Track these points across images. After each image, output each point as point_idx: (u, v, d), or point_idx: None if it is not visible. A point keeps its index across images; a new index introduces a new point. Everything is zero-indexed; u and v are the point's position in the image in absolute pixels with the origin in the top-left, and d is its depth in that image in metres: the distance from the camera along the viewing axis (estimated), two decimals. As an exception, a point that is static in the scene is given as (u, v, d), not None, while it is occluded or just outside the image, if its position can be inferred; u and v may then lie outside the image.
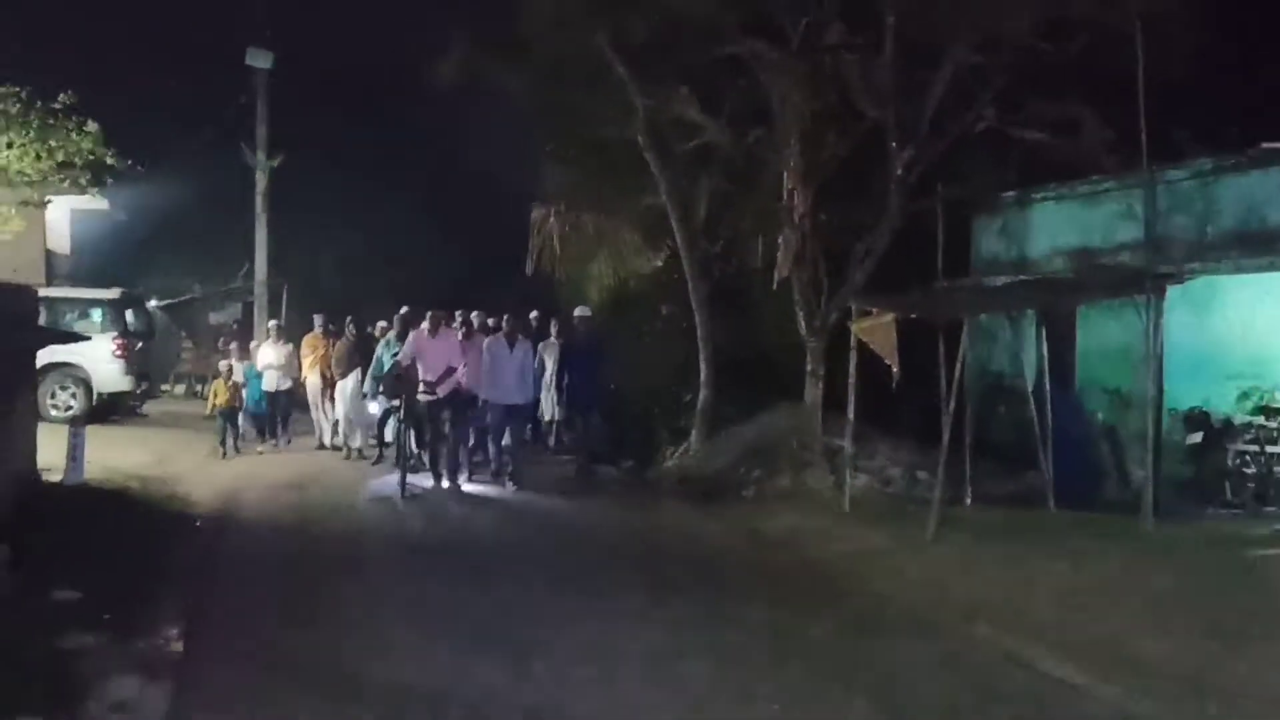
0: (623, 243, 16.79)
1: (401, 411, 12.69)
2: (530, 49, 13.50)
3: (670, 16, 12.51)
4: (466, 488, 12.45)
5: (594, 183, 16.36)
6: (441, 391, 12.30)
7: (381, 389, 13.57)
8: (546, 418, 15.81)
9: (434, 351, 12.37)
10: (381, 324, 15.14)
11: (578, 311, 13.79)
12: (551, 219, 16.91)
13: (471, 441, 13.26)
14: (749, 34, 12.68)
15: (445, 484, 12.36)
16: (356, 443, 14.96)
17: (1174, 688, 5.93)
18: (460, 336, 12.91)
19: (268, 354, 15.96)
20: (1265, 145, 11.11)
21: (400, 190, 25.25)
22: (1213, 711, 5.61)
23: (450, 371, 12.33)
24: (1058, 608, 7.61)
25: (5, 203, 12.80)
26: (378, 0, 18.84)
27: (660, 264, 16.64)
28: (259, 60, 20.72)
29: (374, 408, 14.39)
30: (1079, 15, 11.01)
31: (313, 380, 15.69)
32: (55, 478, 10.91)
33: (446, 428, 12.54)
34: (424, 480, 12.47)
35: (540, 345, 15.17)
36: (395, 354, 13.01)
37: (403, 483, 11.92)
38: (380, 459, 14.26)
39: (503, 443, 13.04)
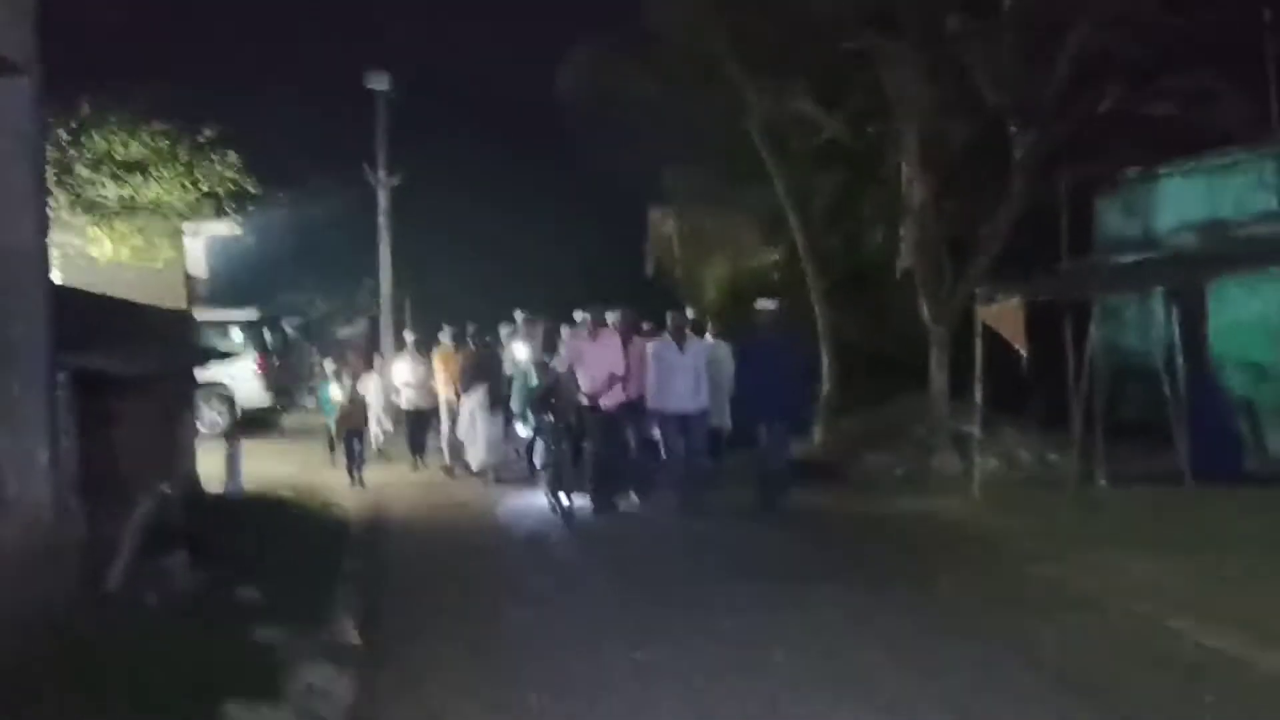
0: (741, 240, 16.96)
1: (557, 427, 11.42)
2: (651, 53, 13.77)
3: (789, 14, 12.68)
4: (627, 508, 11.25)
5: (711, 182, 16.56)
6: (605, 403, 11.16)
7: (531, 406, 12.42)
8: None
9: (595, 358, 11.18)
10: (505, 328, 14.62)
11: (760, 303, 11.71)
12: (670, 220, 17.17)
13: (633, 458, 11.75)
14: (867, 27, 12.75)
15: (608, 506, 11.05)
16: (487, 461, 13.55)
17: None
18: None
19: (404, 371, 15.19)
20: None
21: (517, 200, 25.80)
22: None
23: (614, 380, 11.13)
24: (1208, 583, 7.54)
25: (159, 233, 13.56)
26: (495, 13, 19.28)
27: (779, 259, 16.78)
28: (377, 83, 21.47)
29: (524, 430, 13.31)
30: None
31: (447, 396, 14.51)
32: (215, 490, 11.53)
33: (608, 443, 11.23)
34: (579, 502, 11.16)
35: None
36: (543, 363, 12.11)
37: (559, 505, 11.01)
38: (532, 483, 12.71)
39: (678, 458, 11.19)
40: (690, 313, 13.67)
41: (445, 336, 14.85)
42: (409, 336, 15.87)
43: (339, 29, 22.72)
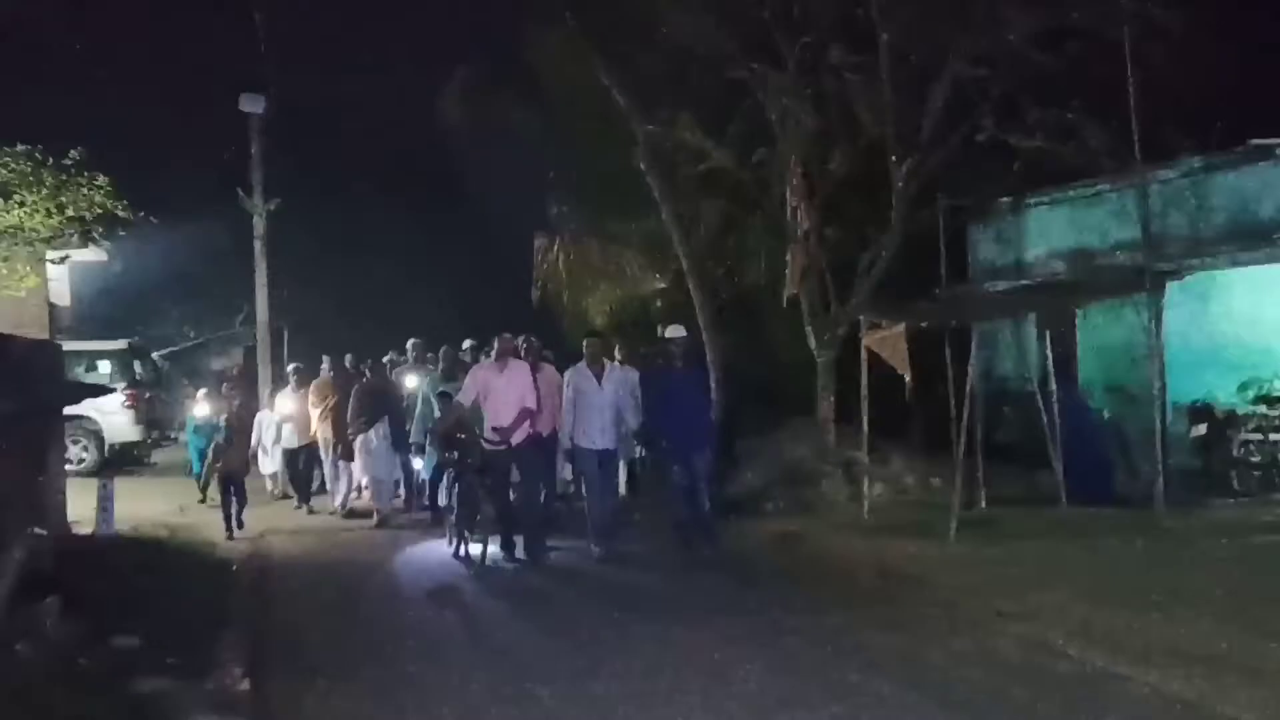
0: (627, 267, 17.03)
1: (463, 465, 10.48)
2: (534, 81, 13.79)
3: (672, 45, 12.85)
4: (537, 552, 10.22)
5: (597, 209, 16.61)
6: (515, 440, 10.17)
7: (432, 441, 11.58)
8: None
9: (504, 390, 10.22)
10: (391, 355, 14.17)
11: (670, 331, 11.10)
12: (555, 247, 17.15)
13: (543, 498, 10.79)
14: (749, 58, 12.97)
15: (519, 554, 10.15)
16: (385, 505, 12.73)
17: (1205, 669, 6.13)
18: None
19: (287, 404, 14.07)
20: (1254, 142, 11.45)
21: (400, 225, 25.44)
22: (1245, 689, 5.82)
23: (526, 414, 10.19)
24: (1086, 601, 7.82)
25: (21, 260, 12.91)
26: (377, 32, 19.05)
27: (665, 286, 16.90)
28: (252, 105, 20.88)
29: (420, 464, 12.59)
30: (1072, 24, 11.32)
31: (324, 434, 13.41)
32: (86, 530, 11.02)
33: (516, 483, 10.39)
34: (488, 547, 10.19)
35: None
36: (446, 394, 11.19)
37: (463, 549, 10.23)
38: (434, 525, 11.75)
39: (596, 497, 10.40)
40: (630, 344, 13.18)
41: (325, 366, 13.92)
42: (290, 367, 14.89)
43: (217, 51, 22.01)
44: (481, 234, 22.32)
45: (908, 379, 11.53)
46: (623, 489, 12.37)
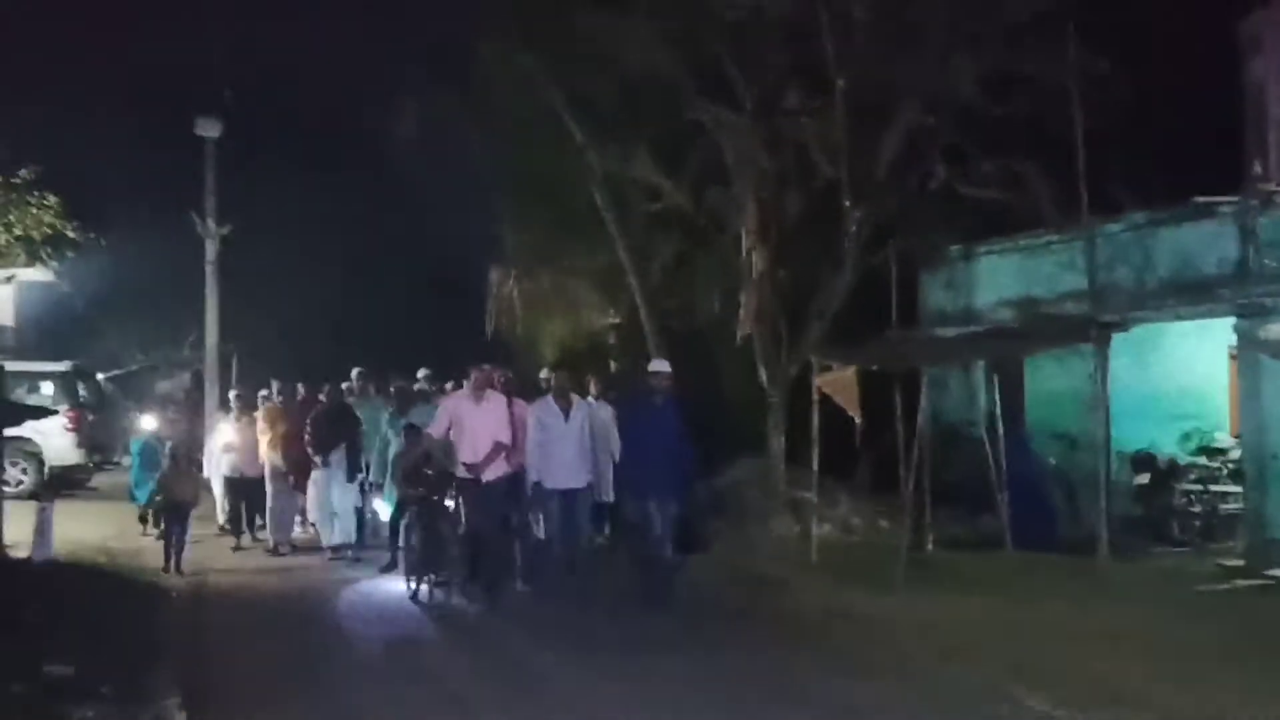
0: (581, 301, 17.06)
1: (429, 501, 9.92)
2: (488, 107, 13.84)
3: (629, 81, 12.97)
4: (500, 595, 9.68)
5: (552, 242, 16.64)
6: (488, 475, 9.73)
7: (394, 475, 10.94)
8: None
9: (479, 423, 9.75)
10: (344, 385, 13.43)
11: (654, 365, 10.33)
12: (510, 279, 17.15)
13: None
14: (706, 98, 13.11)
15: (484, 592, 9.63)
16: (336, 539, 12.06)
17: (1147, 715, 6.25)
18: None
19: (227, 432, 13.38)
20: (1196, 199, 11.72)
21: (353, 253, 25.28)
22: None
23: (500, 449, 9.71)
24: (1029, 645, 7.95)
25: (-38, 279, 12.76)
26: (330, 60, 18.96)
27: (619, 322, 16.94)
28: (207, 129, 20.78)
29: (379, 504, 11.86)
30: (1020, 74, 11.58)
31: (274, 462, 12.69)
32: (22, 554, 10.79)
33: (488, 522, 9.79)
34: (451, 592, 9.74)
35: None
36: (412, 426, 10.56)
37: (423, 590, 9.72)
38: (392, 565, 10.98)
39: (562, 540, 9.96)
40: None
41: (273, 391, 13.36)
42: (232, 393, 14.24)
43: (170, 71, 21.84)
44: (436, 263, 22.24)
45: (857, 420, 11.64)
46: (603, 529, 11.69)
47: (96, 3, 24.57)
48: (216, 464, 13.68)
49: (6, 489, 15.32)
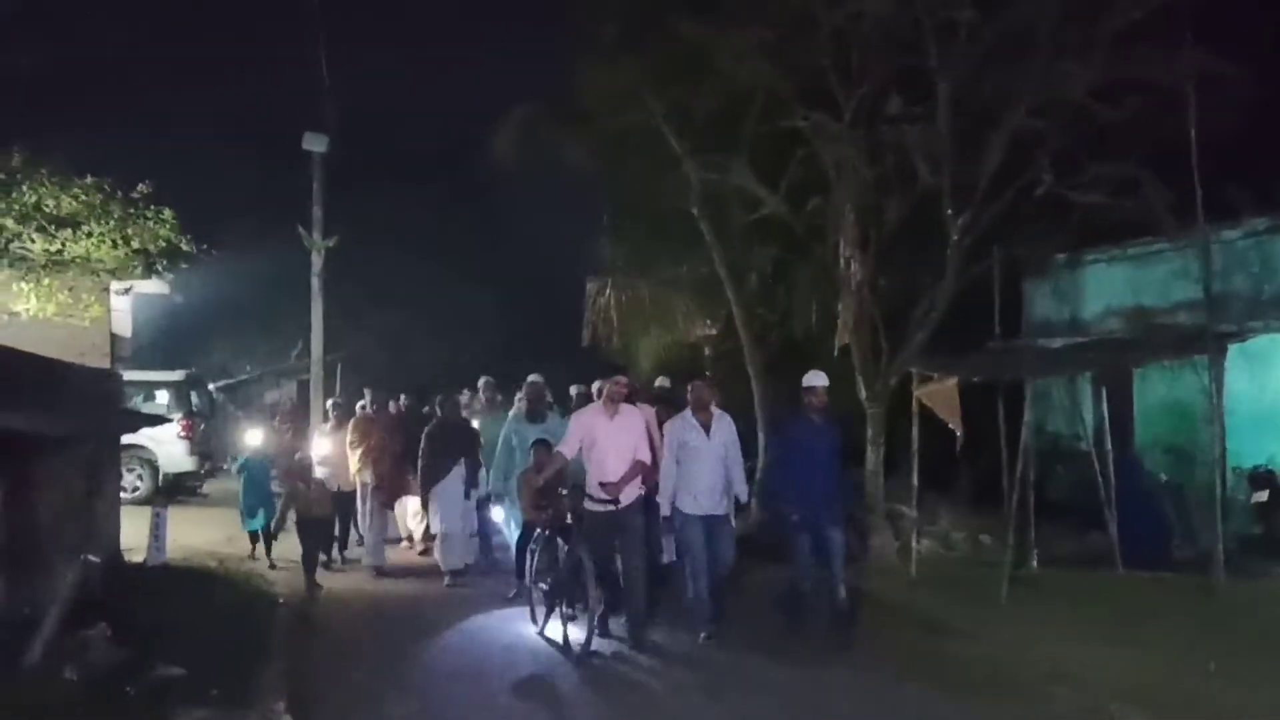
0: (677, 311, 17.04)
1: (562, 527, 8.93)
2: (588, 123, 13.89)
3: (728, 91, 12.91)
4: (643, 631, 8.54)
5: (649, 253, 16.66)
6: (625, 499, 8.61)
7: (518, 494, 10.06)
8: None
9: (614, 441, 8.61)
10: (465, 394, 13.20)
11: (809, 379, 9.00)
12: (607, 290, 17.21)
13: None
14: (806, 106, 12.99)
15: (618, 635, 8.62)
16: (457, 562, 11.24)
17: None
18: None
19: (325, 444, 12.71)
20: (1320, 204, 11.28)
21: (454, 265, 25.68)
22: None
23: (639, 469, 8.64)
24: (1138, 667, 7.67)
25: (86, 290, 13.25)
26: (435, 79, 19.35)
27: (715, 332, 16.88)
28: (314, 144, 21.26)
29: (500, 515, 11.15)
30: (1133, 77, 11.20)
31: (363, 479, 12.11)
32: (137, 558, 11.15)
33: (627, 551, 8.62)
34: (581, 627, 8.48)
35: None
36: (544, 441, 9.62)
37: (547, 627, 8.78)
38: (519, 594, 9.91)
39: (703, 573, 8.70)
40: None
41: (365, 401, 12.92)
42: (329, 402, 13.89)
43: (278, 86, 22.55)
44: (534, 274, 22.49)
45: (958, 433, 11.39)
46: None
47: (209, 26, 25.47)
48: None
49: (124, 495, 15.97)
